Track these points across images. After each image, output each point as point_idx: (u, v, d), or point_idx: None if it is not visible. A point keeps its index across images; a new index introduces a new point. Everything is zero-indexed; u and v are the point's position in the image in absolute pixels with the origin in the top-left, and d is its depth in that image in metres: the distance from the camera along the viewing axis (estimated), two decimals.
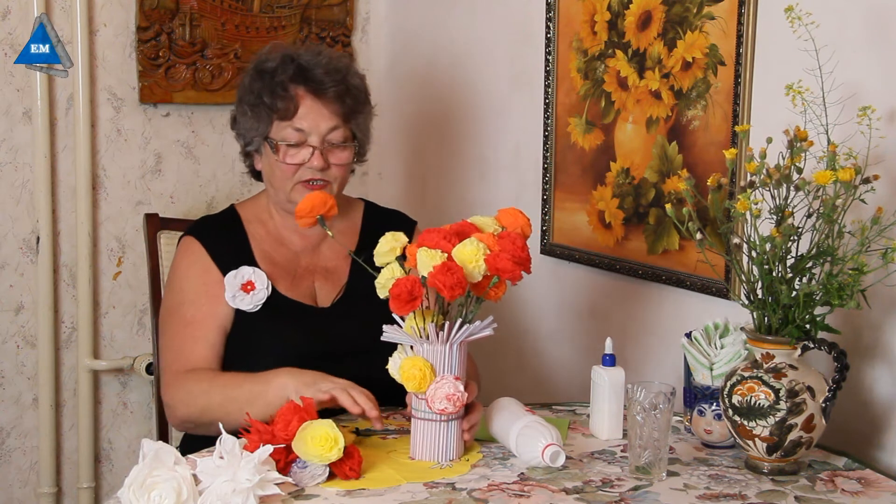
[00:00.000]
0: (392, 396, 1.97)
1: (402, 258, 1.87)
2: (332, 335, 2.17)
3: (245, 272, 2.18)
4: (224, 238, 2.23)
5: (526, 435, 1.87)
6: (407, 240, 1.89)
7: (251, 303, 2.17)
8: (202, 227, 2.28)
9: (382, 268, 1.88)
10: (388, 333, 1.88)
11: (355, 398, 1.90)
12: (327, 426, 1.74)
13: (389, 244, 1.88)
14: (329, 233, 1.99)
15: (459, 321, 1.86)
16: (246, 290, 2.17)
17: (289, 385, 1.93)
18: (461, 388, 1.84)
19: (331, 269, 2.26)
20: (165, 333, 2.21)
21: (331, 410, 1.92)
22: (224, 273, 2.18)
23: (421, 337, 1.85)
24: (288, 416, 1.76)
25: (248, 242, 2.24)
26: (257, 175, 2.31)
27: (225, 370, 2.15)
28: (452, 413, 1.86)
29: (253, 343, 2.16)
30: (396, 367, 1.88)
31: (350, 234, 2.28)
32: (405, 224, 2.29)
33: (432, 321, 1.85)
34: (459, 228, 1.88)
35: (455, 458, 1.88)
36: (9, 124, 2.75)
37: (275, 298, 2.18)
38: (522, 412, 1.94)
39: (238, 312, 2.17)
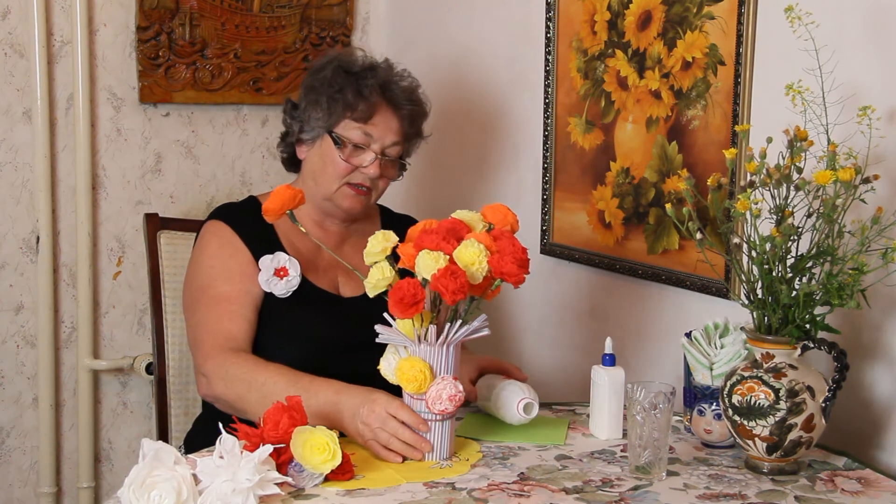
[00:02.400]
0: None
1: (391, 258, 1.87)
2: (360, 324, 2.16)
3: (281, 258, 2.19)
4: (251, 224, 2.24)
5: (503, 396, 2.03)
6: (397, 239, 1.89)
7: (284, 288, 2.18)
8: (228, 211, 2.29)
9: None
10: (383, 334, 1.87)
11: (389, 444, 1.86)
12: (328, 439, 1.73)
13: (381, 244, 1.88)
14: (302, 229, 2.02)
15: (459, 322, 1.86)
16: (279, 275, 2.18)
17: (332, 416, 1.90)
18: (461, 387, 1.85)
19: (353, 266, 2.26)
20: (197, 311, 2.18)
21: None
22: (255, 256, 2.19)
23: (419, 338, 1.85)
24: (277, 417, 1.74)
25: (273, 230, 2.24)
26: (293, 164, 2.34)
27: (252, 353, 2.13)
28: (452, 413, 1.86)
29: (280, 328, 2.16)
30: (391, 368, 1.88)
31: None
32: None
33: (432, 322, 1.85)
34: (451, 226, 1.87)
35: (447, 457, 1.88)
36: (9, 124, 2.75)
37: (303, 286, 2.20)
38: (502, 380, 2.09)
39: (267, 296, 2.18)
